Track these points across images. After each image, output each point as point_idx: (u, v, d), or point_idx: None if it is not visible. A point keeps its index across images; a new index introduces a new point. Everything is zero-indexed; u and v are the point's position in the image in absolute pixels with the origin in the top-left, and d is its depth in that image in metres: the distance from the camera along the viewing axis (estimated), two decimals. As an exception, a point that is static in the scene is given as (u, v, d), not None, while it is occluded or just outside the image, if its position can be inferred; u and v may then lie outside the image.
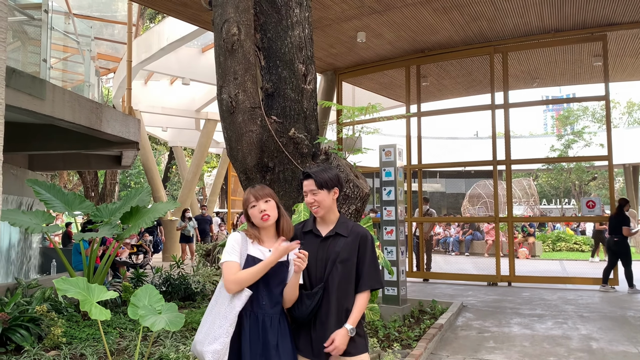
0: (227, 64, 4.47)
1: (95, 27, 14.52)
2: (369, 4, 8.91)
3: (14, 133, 8.29)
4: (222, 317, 2.53)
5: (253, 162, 4.54)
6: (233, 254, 2.58)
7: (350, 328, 2.60)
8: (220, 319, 2.53)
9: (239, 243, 2.61)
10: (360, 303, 2.66)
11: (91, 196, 20.86)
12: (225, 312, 2.53)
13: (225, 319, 2.52)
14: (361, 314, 2.67)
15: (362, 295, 2.67)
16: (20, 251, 9.50)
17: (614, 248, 9.78)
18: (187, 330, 5.69)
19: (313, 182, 2.70)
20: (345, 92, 13.33)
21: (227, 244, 2.63)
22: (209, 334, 2.53)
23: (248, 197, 2.67)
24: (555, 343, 6.00)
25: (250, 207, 2.65)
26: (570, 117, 34.65)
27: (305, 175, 2.76)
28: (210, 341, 2.51)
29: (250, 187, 2.75)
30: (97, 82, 11.58)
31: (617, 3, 8.90)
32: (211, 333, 2.52)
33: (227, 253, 2.59)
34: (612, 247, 9.83)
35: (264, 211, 2.61)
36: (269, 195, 2.67)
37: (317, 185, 2.69)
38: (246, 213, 2.69)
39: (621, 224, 9.72)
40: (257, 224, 2.65)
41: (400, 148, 7.44)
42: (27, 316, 5.35)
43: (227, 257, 2.58)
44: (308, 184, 2.71)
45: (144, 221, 6.96)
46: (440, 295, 9.27)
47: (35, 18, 8.25)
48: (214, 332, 2.52)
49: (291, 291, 2.61)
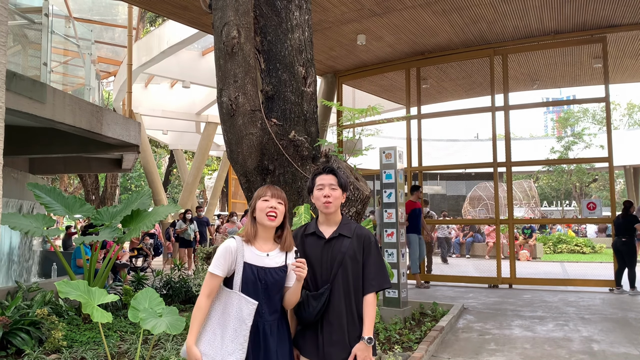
0: (227, 67, 4.48)
1: (96, 30, 14.55)
2: (369, 6, 8.92)
3: (14, 137, 8.30)
4: (232, 330, 2.50)
5: (253, 164, 4.54)
6: (219, 268, 2.55)
7: (368, 338, 2.60)
8: (231, 333, 2.50)
9: (232, 254, 2.56)
10: (370, 309, 2.64)
11: (92, 199, 20.86)
12: (235, 327, 2.50)
13: (237, 333, 2.49)
14: (374, 320, 2.66)
15: (370, 299, 2.66)
16: (20, 255, 9.50)
17: (621, 248, 9.81)
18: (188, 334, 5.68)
19: (335, 179, 2.71)
20: (346, 94, 13.34)
21: (218, 251, 2.60)
22: (222, 348, 2.49)
23: (265, 191, 2.64)
24: (557, 345, 5.99)
25: (262, 199, 2.61)
26: (571, 119, 34.68)
27: (327, 170, 2.75)
28: (224, 356, 2.48)
29: (269, 185, 2.74)
30: (97, 85, 11.59)
31: (616, 5, 8.91)
32: (224, 347, 2.49)
33: (214, 264, 2.57)
34: (619, 247, 9.86)
35: (274, 208, 2.59)
36: (284, 200, 2.67)
37: (338, 182, 2.71)
38: (253, 208, 2.66)
39: (631, 224, 9.84)
40: (260, 218, 2.61)
41: (400, 150, 7.43)
42: (28, 320, 5.35)
43: (212, 268, 2.56)
44: (329, 179, 2.71)
45: (145, 224, 6.97)
46: (441, 297, 9.26)
47: (36, 22, 8.26)
48: (226, 347, 2.49)
49: (293, 297, 2.61)
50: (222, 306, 2.56)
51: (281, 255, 2.64)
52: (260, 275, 2.55)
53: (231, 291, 2.54)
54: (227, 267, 2.56)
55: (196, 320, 2.52)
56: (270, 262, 2.60)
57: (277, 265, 2.61)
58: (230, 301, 2.53)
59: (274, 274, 2.57)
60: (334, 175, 2.72)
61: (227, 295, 2.56)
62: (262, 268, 2.57)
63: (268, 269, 2.57)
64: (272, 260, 2.61)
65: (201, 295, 2.55)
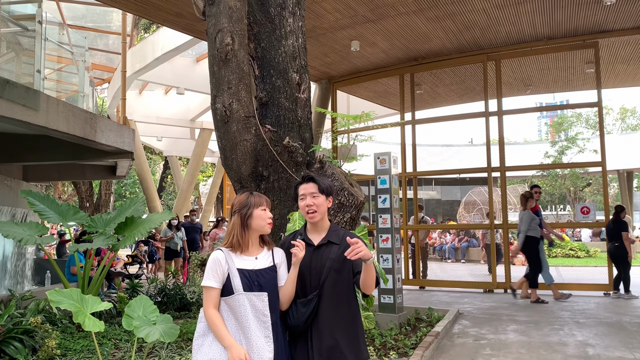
0: (221, 74, 4.48)
1: (90, 37, 14.54)
2: (363, 13, 8.96)
3: (8, 144, 8.27)
4: (255, 328, 2.55)
5: (248, 171, 4.54)
6: (213, 280, 2.58)
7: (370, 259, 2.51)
8: (255, 330, 2.54)
9: (222, 264, 2.59)
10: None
11: (86, 206, 20.79)
12: (256, 324, 2.55)
13: (260, 328, 2.55)
14: None
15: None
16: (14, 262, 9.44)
17: (615, 253, 9.83)
18: (183, 341, 5.65)
19: (315, 186, 2.71)
20: (340, 100, 13.38)
21: (208, 264, 2.62)
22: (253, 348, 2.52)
23: (261, 200, 2.69)
24: (552, 349, 6.00)
25: (260, 208, 2.66)
26: (564, 124, 34.84)
27: (307, 179, 2.75)
28: (260, 353, 2.52)
29: (255, 192, 2.76)
30: (91, 92, 11.57)
31: (608, 10, 8.98)
32: (254, 347, 2.52)
33: (207, 277, 2.59)
34: (613, 252, 9.89)
35: (272, 218, 2.70)
36: (269, 205, 2.76)
37: (319, 189, 2.70)
38: (247, 216, 2.66)
39: (620, 229, 9.80)
40: (258, 227, 2.66)
41: (395, 156, 7.45)
42: (21, 328, 5.31)
43: (207, 281, 2.59)
44: (309, 187, 2.71)
45: (139, 232, 6.95)
46: (436, 302, 9.26)
47: (29, 29, 8.25)
48: (256, 346, 2.52)
49: (290, 289, 2.63)
50: (232, 314, 2.58)
51: (268, 255, 2.71)
52: (253, 277, 2.59)
53: (235, 295, 2.55)
54: (220, 277, 2.59)
55: (220, 324, 2.54)
56: (259, 264, 2.65)
57: (266, 265, 2.66)
58: (239, 304, 2.55)
59: (265, 274, 2.63)
60: (314, 183, 2.71)
61: (232, 301, 2.57)
62: (254, 271, 2.61)
63: (259, 271, 2.62)
64: (261, 262, 2.66)
65: (207, 309, 2.57)
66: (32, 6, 8.55)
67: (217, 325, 2.53)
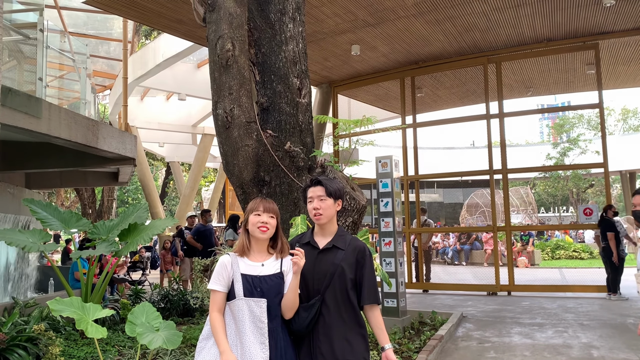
0: (222, 80, 4.50)
1: (91, 44, 14.59)
2: (363, 17, 8.98)
3: (10, 152, 8.29)
4: (251, 333, 2.56)
5: (249, 176, 4.54)
6: (218, 283, 2.63)
7: (389, 347, 2.68)
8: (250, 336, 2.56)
9: (227, 269, 2.63)
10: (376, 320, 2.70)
11: (89, 213, 20.79)
12: (252, 329, 2.57)
13: (256, 334, 2.56)
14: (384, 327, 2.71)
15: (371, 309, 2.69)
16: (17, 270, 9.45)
17: (602, 254, 9.85)
18: (186, 347, 5.65)
19: (323, 189, 2.70)
20: (341, 104, 13.39)
21: (215, 268, 2.67)
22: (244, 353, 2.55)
23: (257, 205, 2.69)
24: (556, 352, 5.98)
25: (254, 213, 2.67)
26: (566, 125, 34.83)
27: (314, 182, 2.75)
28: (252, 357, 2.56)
29: (262, 197, 2.79)
30: (93, 99, 11.60)
31: (608, 12, 8.98)
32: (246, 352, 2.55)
33: (213, 281, 2.64)
34: (602, 253, 9.90)
35: (265, 223, 2.65)
36: (275, 213, 2.71)
37: (326, 192, 2.70)
38: (246, 221, 2.72)
39: (606, 230, 9.78)
40: (252, 231, 2.68)
41: (396, 159, 7.45)
42: (25, 336, 5.30)
43: (213, 285, 2.63)
44: (316, 190, 2.71)
45: (142, 238, 6.94)
46: (439, 306, 9.24)
47: (31, 37, 8.29)
48: (249, 351, 2.55)
49: (291, 297, 2.62)
50: (232, 318, 2.62)
51: (277, 262, 2.70)
52: (256, 283, 2.60)
53: (235, 300, 2.59)
54: (225, 281, 2.62)
55: (219, 328, 2.58)
56: (265, 271, 2.65)
57: (272, 272, 2.66)
58: (238, 309, 2.58)
59: (269, 281, 2.63)
60: (322, 186, 2.71)
61: (233, 306, 2.60)
62: (257, 277, 2.62)
63: (263, 277, 2.63)
64: (267, 268, 2.67)
65: (211, 312, 2.62)
66: (34, 14, 8.61)
67: (216, 329, 2.58)
